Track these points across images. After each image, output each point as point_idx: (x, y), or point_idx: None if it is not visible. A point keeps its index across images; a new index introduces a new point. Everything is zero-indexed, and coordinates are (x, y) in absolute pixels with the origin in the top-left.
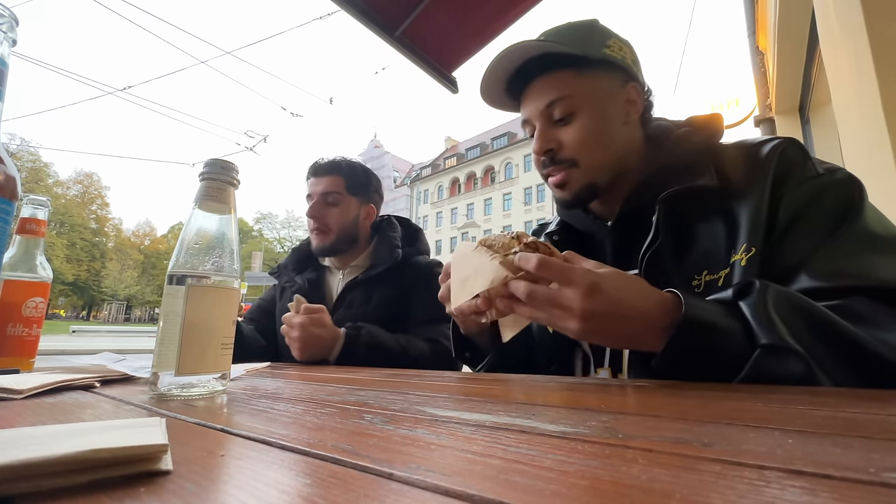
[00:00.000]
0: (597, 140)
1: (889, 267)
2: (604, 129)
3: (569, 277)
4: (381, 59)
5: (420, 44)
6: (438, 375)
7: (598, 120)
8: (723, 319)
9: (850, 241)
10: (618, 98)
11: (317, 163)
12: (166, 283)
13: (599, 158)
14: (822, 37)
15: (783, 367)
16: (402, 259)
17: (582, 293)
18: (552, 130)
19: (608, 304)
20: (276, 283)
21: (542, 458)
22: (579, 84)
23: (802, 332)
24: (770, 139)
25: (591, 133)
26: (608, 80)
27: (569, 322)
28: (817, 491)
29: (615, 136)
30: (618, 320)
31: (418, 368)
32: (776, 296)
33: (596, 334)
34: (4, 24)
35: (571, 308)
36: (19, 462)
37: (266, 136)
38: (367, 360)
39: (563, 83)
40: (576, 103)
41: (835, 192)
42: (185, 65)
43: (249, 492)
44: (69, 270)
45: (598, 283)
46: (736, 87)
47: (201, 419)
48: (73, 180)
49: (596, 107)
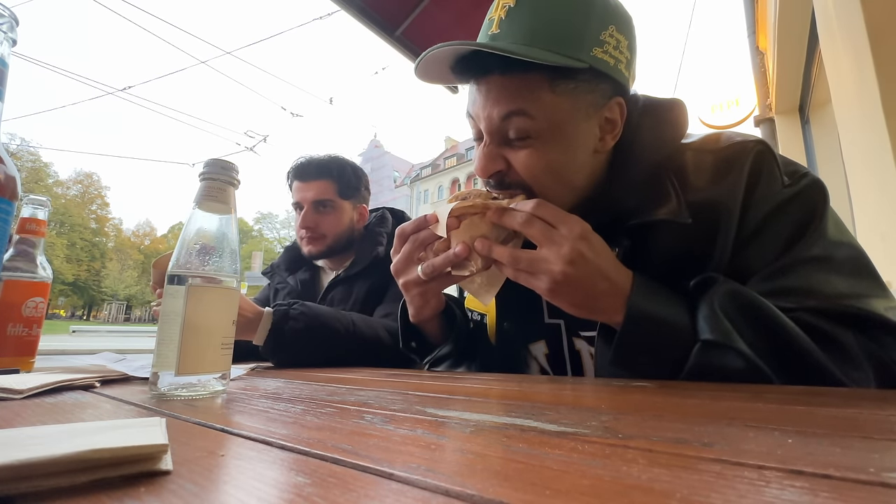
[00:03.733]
0: (558, 174)
1: (837, 284)
2: (569, 161)
3: (563, 217)
4: (381, 59)
5: (420, 44)
6: (438, 376)
7: (563, 151)
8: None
9: (802, 257)
10: (594, 120)
11: (301, 165)
12: (166, 283)
13: (558, 193)
14: (822, 37)
15: (723, 363)
16: (386, 253)
17: (578, 234)
18: (502, 149)
19: (587, 269)
20: (269, 282)
21: (542, 458)
22: (549, 103)
23: (747, 330)
24: (741, 142)
25: (551, 165)
26: (588, 98)
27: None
28: (817, 491)
29: (581, 170)
30: (593, 283)
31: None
32: (728, 293)
33: (566, 296)
34: (4, 25)
35: (552, 270)
36: (19, 462)
37: (266, 136)
38: (308, 343)
39: (527, 95)
40: (539, 127)
41: (796, 204)
42: (185, 65)
43: (249, 492)
44: (69, 270)
45: (590, 233)
46: (736, 87)
47: (201, 419)
48: (73, 180)
49: (563, 134)
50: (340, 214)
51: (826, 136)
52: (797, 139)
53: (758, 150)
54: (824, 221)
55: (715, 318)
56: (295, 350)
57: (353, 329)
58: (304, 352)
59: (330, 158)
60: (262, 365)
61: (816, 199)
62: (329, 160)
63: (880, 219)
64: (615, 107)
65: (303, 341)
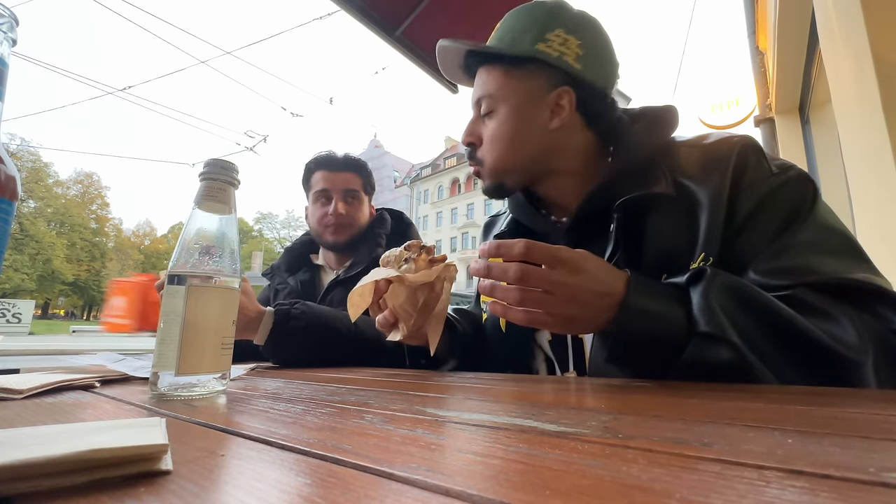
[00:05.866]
0: (504, 144)
1: (832, 264)
2: (514, 132)
3: (555, 258)
4: (381, 59)
5: (420, 44)
6: (438, 375)
7: (511, 122)
8: (665, 307)
9: (796, 240)
10: (541, 102)
11: (329, 156)
12: (166, 283)
13: (502, 161)
14: (822, 37)
15: (719, 356)
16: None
17: (570, 270)
18: (476, 125)
19: (591, 282)
20: (269, 283)
21: (542, 458)
22: (504, 83)
23: (741, 320)
24: (727, 137)
25: (499, 135)
26: (534, 81)
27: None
28: (817, 491)
29: (529, 141)
30: (597, 298)
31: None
32: (723, 284)
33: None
34: (5, 25)
35: (565, 284)
36: (19, 462)
37: (266, 136)
38: (309, 343)
39: (491, 79)
40: (494, 103)
41: (786, 191)
42: (186, 65)
43: (250, 492)
44: (69, 270)
45: (582, 262)
46: (736, 87)
47: (201, 419)
48: (73, 180)
49: (512, 108)
50: (364, 207)
51: (826, 136)
52: (797, 139)
53: (743, 142)
54: (815, 208)
55: (710, 310)
56: (296, 350)
57: (353, 329)
58: (305, 352)
59: (354, 156)
60: (262, 365)
61: (806, 187)
62: (355, 157)
63: (881, 219)
64: (563, 94)
65: (304, 341)
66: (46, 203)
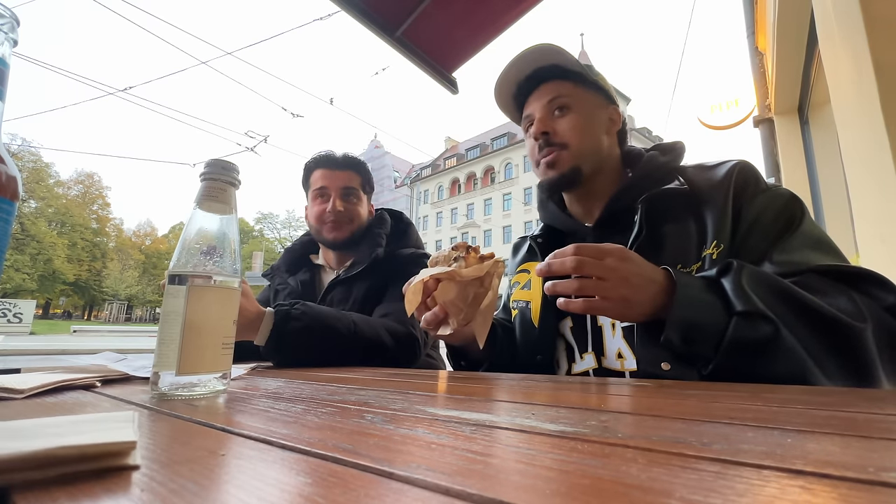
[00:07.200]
0: (585, 131)
1: (827, 259)
2: (591, 126)
3: (602, 251)
4: (381, 60)
5: (420, 44)
6: (439, 375)
7: (587, 119)
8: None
9: (797, 241)
10: (602, 112)
11: (328, 155)
12: (167, 282)
13: (586, 146)
14: (822, 37)
15: (755, 331)
16: (386, 254)
17: (618, 258)
18: (550, 120)
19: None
20: (270, 284)
21: (542, 457)
22: (576, 91)
23: (770, 300)
24: (725, 161)
25: (581, 125)
26: (597, 98)
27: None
28: (816, 490)
29: (599, 136)
30: (646, 283)
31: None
32: (749, 273)
33: (631, 310)
34: (5, 25)
35: (616, 269)
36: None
37: (266, 136)
38: (309, 344)
39: (563, 87)
40: (571, 102)
41: (781, 203)
42: (186, 65)
43: (250, 491)
44: (70, 270)
45: (627, 252)
46: (735, 88)
47: (202, 419)
48: (74, 180)
49: (586, 109)
50: (362, 206)
51: (825, 137)
52: (796, 139)
53: (743, 162)
54: (805, 220)
55: (744, 293)
56: (296, 350)
57: (354, 329)
58: (306, 352)
59: (353, 155)
60: (262, 365)
61: (797, 203)
62: (354, 156)
63: (880, 221)
64: (613, 111)
65: (304, 341)
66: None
